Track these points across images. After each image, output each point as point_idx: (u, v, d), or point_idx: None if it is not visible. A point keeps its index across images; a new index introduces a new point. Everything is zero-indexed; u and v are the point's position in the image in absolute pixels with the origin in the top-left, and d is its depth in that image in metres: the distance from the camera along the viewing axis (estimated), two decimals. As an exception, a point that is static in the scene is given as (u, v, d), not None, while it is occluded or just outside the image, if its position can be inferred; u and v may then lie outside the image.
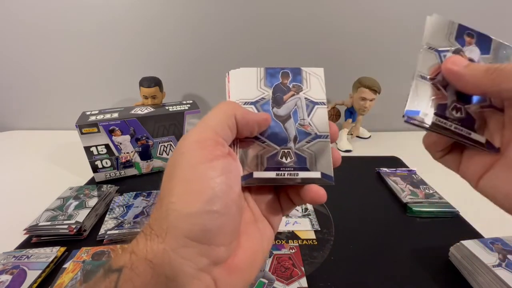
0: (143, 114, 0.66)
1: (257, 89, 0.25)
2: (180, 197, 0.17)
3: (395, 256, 0.46)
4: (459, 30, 0.23)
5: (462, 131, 0.21)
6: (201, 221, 0.17)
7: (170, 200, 0.17)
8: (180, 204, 0.17)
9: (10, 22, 0.84)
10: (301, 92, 0.25)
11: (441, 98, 0.22)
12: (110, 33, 0.86)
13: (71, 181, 0.65)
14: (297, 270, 0.42)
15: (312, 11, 0.82)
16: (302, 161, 0.23)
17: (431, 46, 0.23)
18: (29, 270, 0.42)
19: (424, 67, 0.22)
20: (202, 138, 0.19)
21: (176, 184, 0.18)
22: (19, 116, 1.01)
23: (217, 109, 0.21)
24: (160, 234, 0.17)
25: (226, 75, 0.25)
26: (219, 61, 0.89)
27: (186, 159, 0.18)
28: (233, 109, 0.21)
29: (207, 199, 0.17)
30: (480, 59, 0.22)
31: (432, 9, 0.82)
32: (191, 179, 0.18)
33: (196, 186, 0.18)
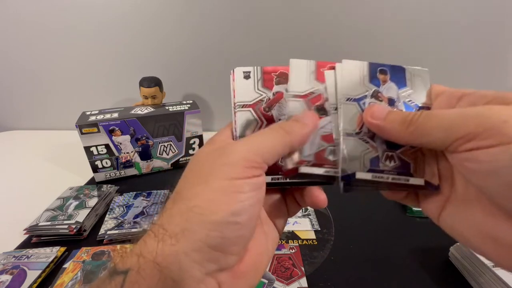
0: (143, 114, 0.66)
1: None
2: (207, 203, 0.17)
3: (395, 256, 0.46)
4: (370, 70, 0.23)
5: (400, 179, 0.21)
6: (222, 230, 0.17)
7: (195, 204, 0.17)
8: (206, 209, 0.17)
9: (10, 22, 0.84)
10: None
11: (371, 151, 0.21)
12: (110, 33, 0.86)
13: (71, 181, 0.65)
14: (297, 270, 0.42)
15: (312, 10, 0.81)
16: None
17: (348, 97, 0.22)
18: (29, 270, 0.42)
19: (347, 122, 0.21)
20: (249, 159, 0.18)
21: (209, 190, 0.18)
22: (19, 116, 1.01)
23: (279, 136, 0.20)
24: (174, 235, 0.17)
25: (230, 72, 0.24)
26: (219, 61, 0.89)
27: (226, 171, 0.18)
28: (294, 140, 0.20)
29: (235, 211, 0.17)
30: (399, 96, 0.22)
31: (432, 9, 0.82)
32: (225, 190, 0.18)
33: (228, 196, 0.17)
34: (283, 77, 0.24)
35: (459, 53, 0.83)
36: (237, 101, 0.23)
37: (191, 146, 0.73)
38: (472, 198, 0.18)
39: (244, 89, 0.24)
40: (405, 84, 0.22)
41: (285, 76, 0.24)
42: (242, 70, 0.24)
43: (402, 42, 0.83)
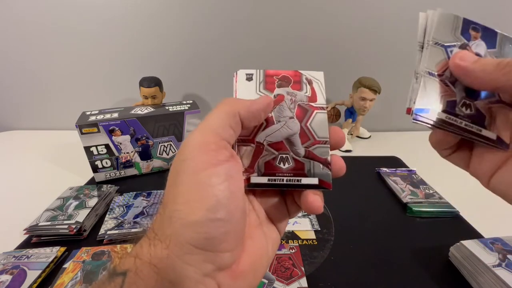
0: (143, 114, 0.66)
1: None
2: (184, 205, 0.17)
3: (395, 256, 0.46)
4: (464, 25, 0.23)
5: (472, 128, 0.20)
6: (205, 229, 0.17)
7: (174, 208, 0.17)
8: (184, 212, 0.17)
9: (10, 22, 0.84)
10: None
11: (449, 94, 0.21)
12: (110, 33, 0.86)
13: (71, 181, 0.65)
14: (297, 270, 0.42)
15: (312, 11, 0.82)
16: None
17: (437, 41, 0.22)
18: (29, 270, 0.42)
19: (431, 63, 0.21)
20: (204, 142, 0.18)
21: (179, 191, 0.18)
22: (19, 116, 1.01)
23: (219, 108, 0.20)
24: (163, 240, 0.17)
25: (234, 74, 0.25)
26: (219, 61, 0.89)
27: (189, 165, 0.18)
28: (235, 106, 0.20)
29: (210, 207, 0.17)
30: (486, 54, 0.22)
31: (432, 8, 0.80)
32: (194, 186, 0.17)
33: (200, 193, 0.17)
34: (285, 81, 0.25)
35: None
36: None
37: (191, 146, 0.73)
38: None
39: (246, 90, 0.24)
40: (495, 46, 0.22)
41: (287, 79, 0.25)
42: (245, 72, 0.25)
43: (403, 42, 0.83)
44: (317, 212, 0.21)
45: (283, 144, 0.23)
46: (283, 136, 0.23)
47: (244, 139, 0.23)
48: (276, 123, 0.23)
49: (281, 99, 0.24)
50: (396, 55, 0.85)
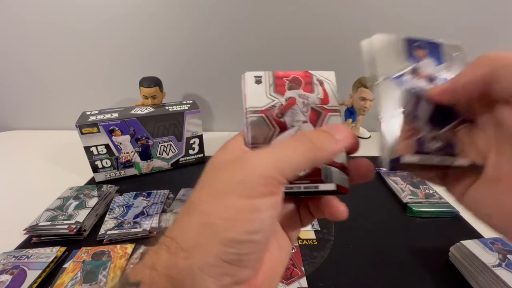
0: (143, 114, 0.66)
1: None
2: (223, 221, 0.17)
3: (395, 256, 0.46)
4: (407, 47, 0.22)
5: (446, 161, 0.20)
6: (239, 247, 0.17)
7: (210, 220, 0.17)
8: (222, 227, 0.16)
9: (10, 22, 0.84)
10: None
11: (415, 132, 0.20)
12: (110, 33, 0.86)
13: (71, 181, 0.65)
14: (297, 270, 0.42)
15: (313, 11, 0.81)
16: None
17: (386, 76, 0.21)
18: (29, 270, 0.42)
19: (389, 103, 0.20)
20: (267, 176, 0.17)
21: (220, 207, 0.17)
22: (19, 116, 1.01)
23: (306, 151, 0.18)
24: (187, 248, 0.16)
25: (241, 77, 0.23)
26: (219, 61, 0.89)
27: (244, 191, 0.17)
28: (322, 157, 0.19)
29: (252, 230, 0.17)
30: (437, 72, 0.21)
31: (433, 9, 0.82)
32: (242, 209, 0.17)
33: (246, 216, 0.17)
34: (295, 82, 0.23)
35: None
36: (249, 107, 0.22)
37: (191, 146, 0.73)
38: (502, 176, 0.18)
39: (256, 94, 0.23)
40: (443, 60, 0.22)
41: (297, 81, 0.23)
42: (253, 75, 0.23)
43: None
44: (343, 218, 0.21)
45: None
46: None
47: (258, 147, 0.21)
48: (290, 128, 0.22)
49: (293, 103, 0.23)
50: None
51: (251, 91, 0.23)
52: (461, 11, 0.79)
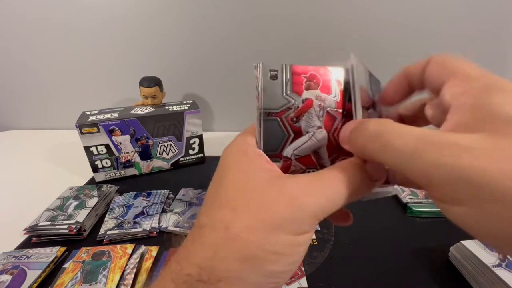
0: (143, 114, 0.66)
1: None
2: (271, 255, 0.17)
3: (395, 256, 0.46)
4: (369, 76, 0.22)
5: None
6: (280, 276, 0.17)
7: (256, 253, 0.16)
8: (268, 261, 0.17)
9: (10, 21, 0.84)
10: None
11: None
12: (110, 32, 0.86)
13: (71, 181, 0.65)
14: (297, 270, 0.42)
15: (313, 11, 0.81)
16: None
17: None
18: (29, 270, 0.42)
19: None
20: (316, 217, 0.17)
21: (271, 241, 0.16)
22: (19, 116, 1.01)
23: (348, 189, 0.18)
24: (226, 279, 0.16)
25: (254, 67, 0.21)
26: (220, 61, 0.89)
27: (293, 229, 0.17)
28: (353, 196, 0.18)
29: (294, 262, 0.18)
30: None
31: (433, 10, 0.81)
32: (289, 244, 0.17)
33: (290, 250, 0.17)
34: (313, 81, 0.21)
35: (458, 53, 0.83)
36: (264, 108, 0.20)
37: (191, 146, 0.73)
38: None
39: (271, 93, 0.20)
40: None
41: (315, 79, 0.21)
42: (269, 68, 0.20)
43: (403, 42, 0.83)
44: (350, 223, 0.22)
45: (311, 158, 0.21)
46: (310, 149, 0.21)
47: (271, 155, 0.20)
48: (304, 134, 0.21)
49: (310, 105, 0.20)
50: (396, 55, 0.85)
51: (265, 89, 0.20)
52: (461, 11, 0.79)
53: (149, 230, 0.50)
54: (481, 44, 0.82)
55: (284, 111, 0.20)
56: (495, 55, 0.83)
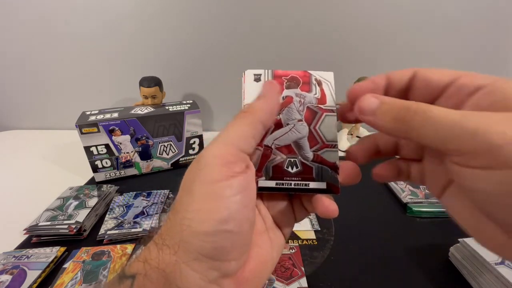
0: (143, 114, 0.66)
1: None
2: (195, 214, 0.17)
3: (395, 256, 0.46)
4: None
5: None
6: (214, 239, 0.17)
7: (185, 216, 0.17)
8: (195, 221, 0.17)
9: (10, 21, 0.84)
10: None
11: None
12: (110, 33, 0.86)
13: (71, 181, 0.65)
14: (297, 270, 0.42)
15: (313, 11, 0.81)
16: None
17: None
18: (29, 270, 0.42)
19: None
20: (222, 154, 0.18)
21: (192, 199, 0.18)
22: (19, 116, 1.01)
23: (240, 120, 0.20)
24: (172, 246, 0.17)
25: (242, 74, 0.24)
26: (220, 61, 0.89)
27: (205, 175, 0.18)
28: (259, 115, 0.20)
29: (221, 219, 0.17)
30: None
31: (433, 9, 0.82)
32: (207, 197, 0.17)
33: (212, 204, 0.17)
34: (293, 82, 0.24)
35: (458, 53, 0.83)
36: (246, 104, 0.23)
37: (191, 146, 0.73)
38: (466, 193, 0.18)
39: (254, 92, 0.23)
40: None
41: (295, 80, 0.24)
42: (253, 73, 0.24)
43: (403, 42, 0.83)
44: (333, 216, 0.21)
45: (292, 148, 0.23)
46: (291, 139, 0.23)
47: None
48: (285, 125, 0.23)
49: (290, 101, 0.23)
50: (396, 54, 0.85)
51: (249, 89, 0.23)
52: (461, 11, 0.79)
53: (149, 230, 0.50)
54: (481, 44, 0.82)
55: None
56: (496, 55, 0.84)
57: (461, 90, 0.18)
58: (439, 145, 0.16)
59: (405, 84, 0.20)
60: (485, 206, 0.16)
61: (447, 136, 0.15)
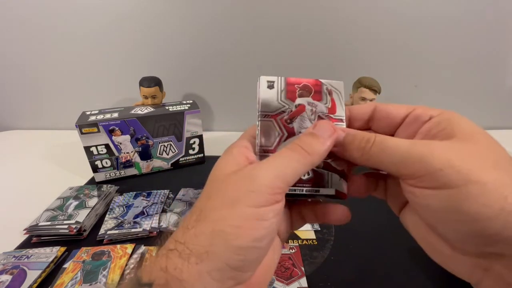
0: (143, 114, 0.66)
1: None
2: (233, 229, 0.18)
3: (395, 256, 0.46)
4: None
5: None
6: (245, 254, 0.18)
7: (221, 228, 0.18)
8: (231, 235, 0.18)
9: (10, 21, 0.84)
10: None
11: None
12: (110, 33, 0.86)
13: (71, 181, 0.65)
14: (297, 270, 0.42)
15: (313, 11, 0.81)
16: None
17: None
18: (29, 270, 0.42)
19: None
20: (274, 186, 0.19)
21: (231, 215, 0.18)
22: (19, 116, 1.01)
23: (301, 158, 0.20)
24: (199, 255, 0.17)
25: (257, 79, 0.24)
26: (220, 61, 0.89)
27: (253, 200, 0.18)
28: (315, 160, 0.20)
29: (258, 237, 0.18)
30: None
31: (433, 9, 0.82)
32: (249, 217, 0.18)
33: (254, 224, 0.18)
34: (305, 90, 0.24)
35: (459, 53, 0.83)
36: (261, 111, 0.24)
37: (191, 146, 0.73)
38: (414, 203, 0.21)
39: (268, 99, 0.24)
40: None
41: (308, 89, 0.24)
42: (267, 79, 0.24)
43: (403, 42, 0.83)
44: (346, 222, 0.24)
45: None
46: None
47: (266, 150, 0.23)
48: (297, 133, 0.23)
49: (302, 110, 0.24)
50: (396, 54, 0.85)
51: (263, 96, 0.24)
52: (461, 11, 0.79)
53: (149, 230, 0.50)
54: (481, 44, 0.82)
55: (279, 114, 0.24)
56: (496, 55, 0.84)
57: (417, 119, 0.21)
58: (394, 171, 0.19)
59: (368, 116, 0.24)
60: (432, 221, 0.20)
61: (399, 162, 0.19)
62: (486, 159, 0.17)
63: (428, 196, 0.18)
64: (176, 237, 0.19)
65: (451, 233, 0.19)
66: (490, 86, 0.88)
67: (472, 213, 0.16)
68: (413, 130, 0.22)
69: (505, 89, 0.88)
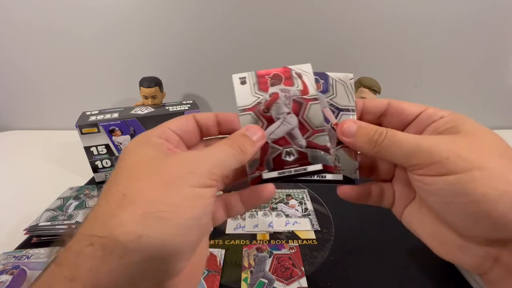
0: (143, 114, 0.66)
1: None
2: (173, 207, 0.18)
3: (395, 256, 0.46)
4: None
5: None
6: (185, 233, 0.18)
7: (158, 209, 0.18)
8: (170, 214, 0.18)
9: (9, 22, 0.84)
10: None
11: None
12: (110, 33, 0.86)
13: (71, 181, 0.65)
14: (297, 270, 0.42)
15: (312, 10, 0.82)
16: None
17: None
18: (29, 270, 0.42)
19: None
20: (213, 172, 0.20)
21: (172, 194, 0.18)
22: (19, 116, 1.01)
23: (231, 150, 0.22)
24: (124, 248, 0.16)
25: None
26: (220, 61, 0.89)
27: (194, 180, 0.19)
28: (244, 158, 0.22)
29: (198, 216, 0.19)
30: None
31: (433, 8, 0.82)
32: (189, 196, 0.19)
33: (193, 202, 0.19)
34: (276, 78, 0.26)
35: (459, 53, 0.83)
36: (239, 106, 0.25)
37: (191, 146, 0.73)
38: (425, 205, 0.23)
39: (243, 94, 0.25)
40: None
41: (278, 77, 0.26)
42: (238, 77, 0.26)
43: (403, 42, 0.83)
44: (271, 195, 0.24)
45: (286, 139, 0.25)
46: (284, 131, 0.25)
47: None
48: (276, 120, 0.25)
49: (276, 97, 0.25)
50: (396, 55, 0.85)
51: (238, 92, 0.26)
52: (461, 11, 0.79)
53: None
54: (481, 44, 0.82)
55: (256, 105, 0.25)
56: (496, 55, 0.84)
57: (428, 118, 0.23)
58: (403, 162, 0.21)
59: (381, 111, 0.25)
60: (441, 208, 0.21)
61: (409, 154, 0.20)
62: (490, 149, 0.19)
63: (437, 182, 0.19)
64: (91, 231, 0.16)
65: (459, 218, 0.20)
66: (490, 86, 0.88)
67: (478, 194, 0.17)
68: (422, 128, 0.23)
69: (505, 89, 0.88)
